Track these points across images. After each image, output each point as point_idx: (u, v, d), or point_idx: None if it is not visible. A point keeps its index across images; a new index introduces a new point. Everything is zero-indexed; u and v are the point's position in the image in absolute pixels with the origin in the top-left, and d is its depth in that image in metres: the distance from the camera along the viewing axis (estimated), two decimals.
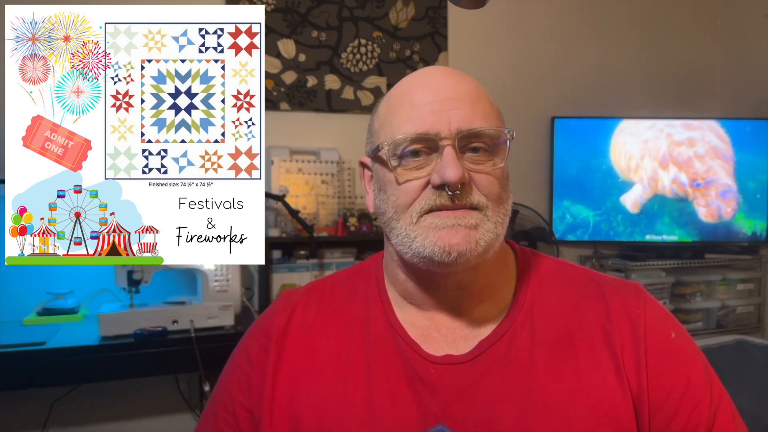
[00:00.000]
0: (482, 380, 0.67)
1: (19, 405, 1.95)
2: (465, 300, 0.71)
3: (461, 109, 0.66)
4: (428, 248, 0.65)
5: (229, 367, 0.79)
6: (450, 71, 0.71)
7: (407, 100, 0.69)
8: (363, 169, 0.77)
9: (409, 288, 0.73)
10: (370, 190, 0.76)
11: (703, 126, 2.55)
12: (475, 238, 0.65)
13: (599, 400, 0.65)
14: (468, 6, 0.74)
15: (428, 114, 0.66)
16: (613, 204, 2.59)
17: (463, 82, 0.69)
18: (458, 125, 0.65)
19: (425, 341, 0.71)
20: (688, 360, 0.69)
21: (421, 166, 0.66)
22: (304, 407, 0.69)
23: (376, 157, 0.71)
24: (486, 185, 0.66)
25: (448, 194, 0.64)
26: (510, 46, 2.66)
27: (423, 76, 0.71)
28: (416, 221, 0.66)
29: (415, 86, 0.70)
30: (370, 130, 0.75)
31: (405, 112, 0.68)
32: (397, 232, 0.68)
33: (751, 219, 2.57)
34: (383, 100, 0.74)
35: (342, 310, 0.76)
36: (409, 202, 0.67)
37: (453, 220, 0.65)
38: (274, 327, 0.75)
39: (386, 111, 0.71)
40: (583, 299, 0.72)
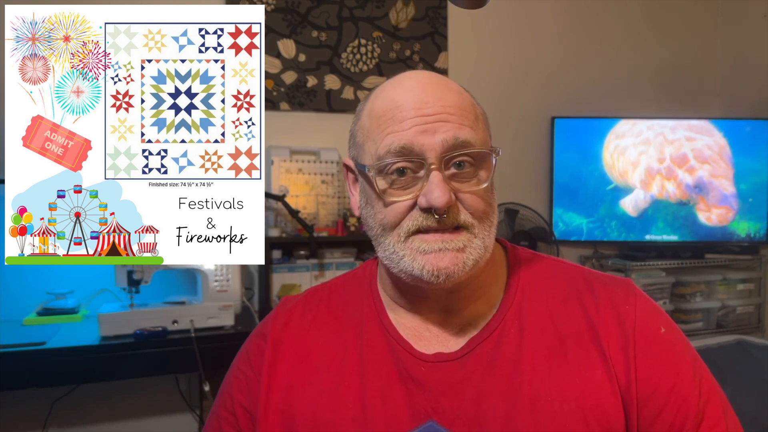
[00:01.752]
0: (472, 377, 0.68)
1: (19, 405, 1.94)
2: (456, 301, 0.72)
3: (447, 123, 0.66)
4: (416, 270, 0.66)
5: (231, 369, 0.81)
6: (433, 79, 0.70)
7: (390, 116, 0.67)
8: (347, 170, 0.77)
9: (399, 292, 0.75)
10: (355, 192, 0.76)
11: (702, 126, 2.55)
12: (462, 260, 0.66)
13: (587, 396, 0.66)
14: (468, 6, 0.74)
15: (414, 134, 0.65)
16: (607, 210, 2.59)
17: (448, 93, 0.68)
18: (444, 144, 0.65)
19: (417, 340, 0.72)
20: (676, 355, 0.70)
21: (407, 186, 0.67)
22: (299, 406, 0.71)
23: (361, 172, 0.71)
24: (472, 204, 0.67)
25: (435, 217, 0.65)
26: (510, 46, 2.66)
27: (406, 85, 0.70)
28: (404, 240, 0.67)
29: (398, 99, 0.68)
30: (353, 137, 0.74)
31: (389, 129, 0.67)
32: (385, 247, 0.69)
33: (751, 219, 2.57)
34: (366, 108, 0.73)
35: (337, 314, 0.77)
36: (395, 222, 0.67)
37: (440, 244, 0.66)
38: (271, 330, 0.77)
39: (369, 124, 0.70)
40: (572, 296, 0.73)
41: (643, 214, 2.58)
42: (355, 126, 0.74)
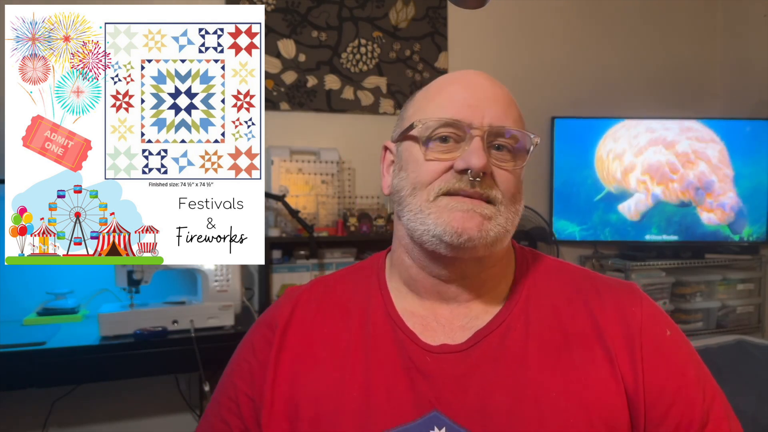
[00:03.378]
0: (476, 369, 0.68)
1: (19, 405, 1.94)
2: (465, 291, 0.73)
3: (495, 108, 0.70)
4: (440, 227, 0.67)
5: (233, 359, 0.81)
6: (488, 76, 0.75)
7: (446, 92, 0.72)
8: (385, 152, 0.80)
9: (413, 273, 0.75)
10: (387, 173, 0.79)
11: (702, 127, 2.55)
12: (487, 228, 0.68)
13: (591, 394, 0.66)
14: (468, 6, 0.75)
15: (464, 106, 0.70)
16: (600, 217, 2.59)
17: (499, 87, 0.74)
18: (490, 121, 0.69)
19: (423, 330, 0.72)
20: (681, 357, 0.71)
21: (448, 151, 0.70)
22: (303, 394, 0.71)
23: (404, 137, 0.74)
24: (504, 182, 0.70)
25: (470, 179, 0.67)
26: (510, 46, 2.66)
27: (463, 75, 0.75)
28: (433, 199, 0.69)
29: (454, 82, 0.74)
30: (401, 117, 0.78)
31: (442, 101, 0.72)
32: (411, 207, 0.70)
33: (751, 220, 2.57)
34: (421, 90, 0.78)
35: (342, 303, 0.78)
36: (429, 180, 0.70)
37: (469, 205, 0.68)
38: (277, 320, 0.77)
39: (423, 98, 0.75)
40: (577, 296, 0.73)
41: (643, 217, 2.57)
42: (407, 105, 0.78)
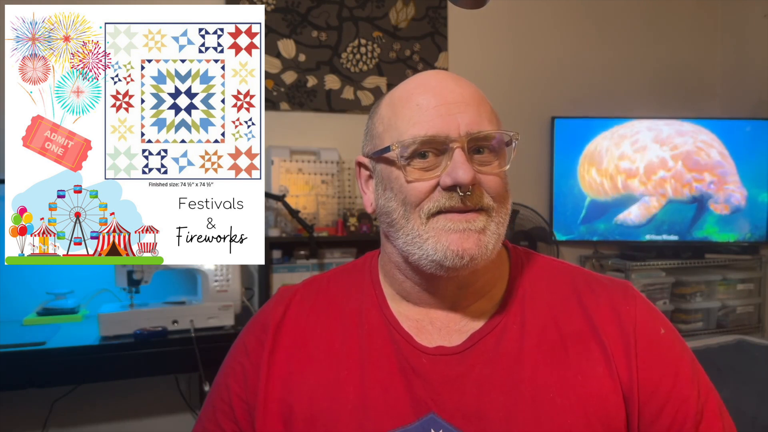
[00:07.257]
0: (473, 371, 0.68)
1: (19, 405, 1.95)
2: (462, 298, 0.73)
3: (468, 113, 0.67)
4: (440, 252, 0.66)
5: (226, 361, 0.81)
6: (451, 75, 0.72)
7: (413, 103, 0.69)
8: (360, 168, 0.78)
9: (407, 288, 0.74)
10: (368, 190, 0.77)
11: (702, 126, 2.55)
12: (485, 243, 0.67)
13: (588, 392, 0.66)
14: (468, 6, 0.74)
15: (436, 117, 0.67)
16: (587, 228, 2.60)
17: (466, 87, 0.70)
18: (467, 128, 0.66)
19: (418, 333, 0.72)
20: (676, 355, 0.71)
21: (430, 168, 0.67)
22: (297, 395, 0.70)
23: (380, 158, 0.72)
24: (493, 186, 0.68)
25: (459, 195, 0.66)
26: (510, 47, 2.66)
27: (425, 79, 0.72)
28: (426, 222, 0.67)
29: (418, 89, 0.70)
30: (369, 132, 0.75)
31: (411, 115, 0.68)
32: (407, 231, 0.69)
33: (751, 219, 2.57)
34: (383, 102, 0.74)
35: (336, 303, 0.77)
36: (417, 201, 0.68)
37: (464, 224, 0.66)
38: (270, 320, 0.77)
39: (390, 113, 0.71)
40: (572, 295, 0.73)
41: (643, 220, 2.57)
42: (372, 120, 0.75)
